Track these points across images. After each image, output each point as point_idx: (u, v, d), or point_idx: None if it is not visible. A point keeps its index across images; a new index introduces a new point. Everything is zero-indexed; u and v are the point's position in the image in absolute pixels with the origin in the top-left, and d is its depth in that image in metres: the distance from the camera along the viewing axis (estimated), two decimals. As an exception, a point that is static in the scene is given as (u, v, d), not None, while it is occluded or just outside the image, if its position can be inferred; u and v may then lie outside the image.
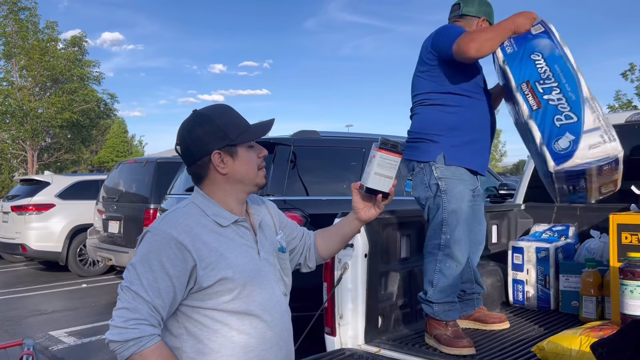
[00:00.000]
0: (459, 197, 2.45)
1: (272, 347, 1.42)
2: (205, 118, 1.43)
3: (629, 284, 2.12)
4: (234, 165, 1.42)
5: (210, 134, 1.40)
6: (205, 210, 1.41)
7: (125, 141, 36.46)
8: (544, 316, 2.97)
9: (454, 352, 2.34)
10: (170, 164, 6.89)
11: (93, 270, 8.71)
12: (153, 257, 1.32)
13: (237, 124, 1.44)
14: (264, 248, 1.48)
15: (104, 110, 22.99)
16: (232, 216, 1.43)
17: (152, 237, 1.35)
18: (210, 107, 1.47)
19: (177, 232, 1.33)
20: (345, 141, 4.99)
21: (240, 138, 1.42)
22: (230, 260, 1.37)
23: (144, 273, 1.31)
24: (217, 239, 1.38)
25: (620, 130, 3.38)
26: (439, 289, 2.47)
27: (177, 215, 1.38)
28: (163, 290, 1.30)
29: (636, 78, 19.96)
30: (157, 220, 1.39)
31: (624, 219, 2.40)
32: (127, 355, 1.25)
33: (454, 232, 2.46)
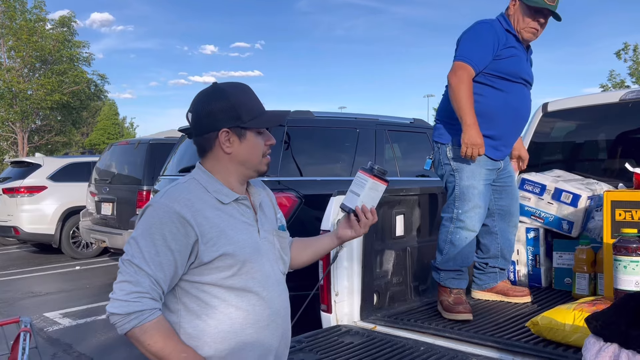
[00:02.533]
0: (470, 174, 2.61)
1: (270, 324, 1.43)
2: (222, 94, 1.41)
3: (622, 259, 2.14)
4: (240, 147, 1.42)
5: (223, 111, 1.39)
6: (207, 186, 1.41)
7: (117, 123, 36.20)
8: (538, 293, 3.01)
9: (451, 317, 2.51)
10: (163, 145, 6.85)
11: (86, 252, 8.70)
12: (155, 231, 1.31)
13: (252, 107, 1.43)
14: (263, 227, 1.49)
15: (94, 92, 22.77)
16: (233, 194, 1.43)
17: (154, 210, 1.34)
18: (231, 84, 1.46)
19: (179, 207, 1.33)
20: (340, 121, 4.97)
21: (252, 122, 1.41)
22: (231, 237, 1.37)
23: (146, 247, 1.30)
24: (218, 215, 1.38)
25: (614, 109, 3.41)
26: (447, 258, 2.65)
27: (179, 190, 1.38)
28: (165, 264, 1.30)
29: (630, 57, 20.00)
30: (159, 195, 1.38)
31: (618, 195, 2.42)
32: (128, 328, 1.25)
33: (465, 207, 2.61)
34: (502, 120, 2.61)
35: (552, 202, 3.06)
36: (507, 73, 2.57)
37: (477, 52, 2.53)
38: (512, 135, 2.71)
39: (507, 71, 2.57)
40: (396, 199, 2.85)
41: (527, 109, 2.73)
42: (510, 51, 2.58)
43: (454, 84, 2.52)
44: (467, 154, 2.50)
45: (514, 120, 2.67)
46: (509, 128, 2.66)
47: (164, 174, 5.53)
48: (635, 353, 1.31)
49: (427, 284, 2.92)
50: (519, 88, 2.63)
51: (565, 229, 3.03)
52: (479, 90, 2.58)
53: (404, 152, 5.38)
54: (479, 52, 2.53)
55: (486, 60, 2.55)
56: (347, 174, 4.72)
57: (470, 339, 2.24)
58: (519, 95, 2.64)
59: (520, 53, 2.63)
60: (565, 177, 3.19)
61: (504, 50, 2.56)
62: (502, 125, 2.62)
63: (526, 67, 2.67)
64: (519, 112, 2.66)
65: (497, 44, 2.55)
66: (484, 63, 2.55)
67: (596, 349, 1.39)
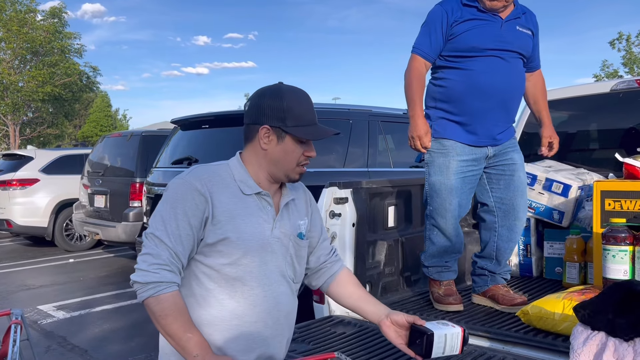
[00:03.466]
0: (437, 169, 2.51)
1: (258, 322, 1.42)
2: (278, 94, 1.45)
3: (611, 248, 2.16)
4: (276, 148, 1.44)
5: (271, 109, 1.43)
6: (235, 174, 1.45)
7: (109, 115, 35.97)
8: (529, 282, 3.04)
9: (442, 308, 2.53)
10: (156, 138, 6.83)
11: (80, 245, 8.68)
12: (178, 205, 1.36)
13: (301, 116, 1.45)
14: (281, 228, 1.48)
15: (86, 84, 22.62)
16: (256, 187, 1.45)
17: (178, 186, 1.39)
18: (293, 89, 1.49)
19: (200, 185, 1.38)
20: (332, 112, 4.96)
21: (293, 129, 1.43)
22: (238, 225, 1.40)
23: (168, 220, 1.35)
24: (234, 202, 1.42)
25: (605, 99, 3.43)
26: (429, 254, 2.64)
27: (205, 170, 1.43)
28: (184, 238, 1.36)
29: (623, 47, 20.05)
30: (186, 171, 1.44)
31: (608, 185, 2.44)
32: (145, 296, 1.30)
33: (434, 203, 2.55)
34: (470, 101, 2.43)
35: (543, 193, 3.08)
36: (465, 49, 2.40)
37: (426, 39, 2.46)
38: (489, 115, 2.45)
39: (465, 47, 2.40)
40: (388, 190, 2.86)
41: (503, 81, 2.42)
42: (467, 25, 2.39)
43: (405, 77, 2.51)
44: (412, 146, 2.49)
45: (486, 98, 2.41)
46: (481, 108, 2.43)
47: (156, 166, 5.52)
48: (621, 341, 1.33)
49: (419, 275, 2.93)
50: (487, 61, 2.40)
51: (556, 218, 3.05)
52: (443, 75, 2.50)
53: (397, 143, 5.38)
54: (427, 39, 2.46)
55: (437, 45, 2.45)
56: (340, 165, 4.73)
57: (461, 329, 2.25)
58: (488, 69, 2.40)
59: (485, 23, 2.40)
60: (556, 167, 3.20)
61: (458, 27, 2.40)
62: (471, 106, 2.43)
63: (497, 35, 2.40)
64: (489, 87, 2.40)
65: (445, 24, 2.41)
66: (436, 48, 2.46)
67: (584, 337, 1.41)
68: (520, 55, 2.49)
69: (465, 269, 3.10)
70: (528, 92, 2.67)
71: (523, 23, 2.50)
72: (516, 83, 2.50)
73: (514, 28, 2.45)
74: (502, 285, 2.63)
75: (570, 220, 3.02)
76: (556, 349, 1.97)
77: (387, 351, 2.05)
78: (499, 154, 2.55)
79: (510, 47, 2.43)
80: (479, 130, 2.48)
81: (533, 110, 2.72)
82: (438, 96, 2.53)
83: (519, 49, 2.47)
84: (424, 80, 2.53)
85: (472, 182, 2.56)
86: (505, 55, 2.43)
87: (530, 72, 2.64)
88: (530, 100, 2.69)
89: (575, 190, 2.98)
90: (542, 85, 2.70)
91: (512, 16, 2.45)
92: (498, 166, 2.58)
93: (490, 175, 2.60)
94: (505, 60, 2.43)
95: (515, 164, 2.57)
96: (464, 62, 2.43)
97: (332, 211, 2.53)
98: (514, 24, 2.46)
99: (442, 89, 2.51)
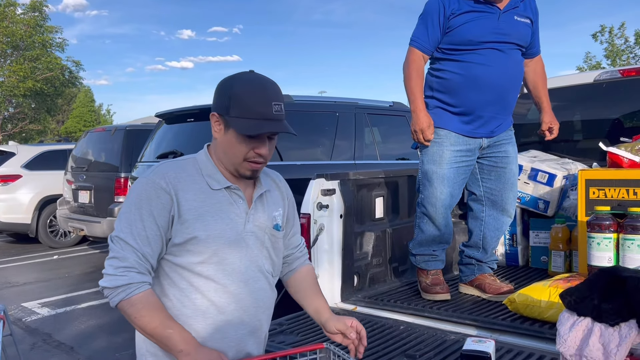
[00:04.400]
0: (430, 158, 2.52)
1: (234, 319, 1.39)
2: (230, 80, 1.36)
3: (595, 236, 2.18)
4: (224, 137, 1.36)
5: (220, 96, 1.36)
6: (202, 168, 1.39)
7: (93, 110, 35.53)
8: (515, 271, 3.06)
9: (430, 297, 2.54)
10: (140, 132, 6.75)
11: (65, 241, 8.57)
12: (143, 205, 1.31)
13: (249, 107, 1.31)
14: (255, 221, 1.42)
15: (69, 79, 22.30)
16: (225, 181, 1.39)
17: (142, 186, 1.34)
18: (252, 76, 1.37)
19: (165, 183, 1.33)
20: (319, 105, 4.95)
21: (235, 121, 1.32)
22: (207, 223, 1.34)
23: (134, 221, 1.30)
24: (202, 199, 1.36)
25: (588, 90, 3.46)
26: (418, 242, 2.65)
27: (170, 167, 1.37)
28: (152, 239, 1.31)
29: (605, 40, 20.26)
30: (151, 169, 1.38)
31: (592, 174, 2.46)
32: (117, 300, 1.27)
33: (426, 191, 2.56)
34: (467, 92, 2.43)
35: (528, 182, 3.10)
36: (462, 42, 2.40)
37: (423, 32, 2.46)
38: (486, 106, 2.45)
39: (462, 40, 2.40)
40: (375, 181, 2.86)
41: (500, 74, 2.42)
42: (464, 17, 2.38)
43: (403, 70, 2.52)
44: (415, 139, 2.50)
45: (483, 91, 2.42)
46: (477, 99, 2.43)
47: (141, 161, 5.46)
48: (607, 326, 1.35)
49: (407, 265, 2.95)
50: (485, 54, 2.40)
51: (541, 208, 3.08)
52: (440, 66, 2.51)
53: (384, 136, 5.39)
54: (425, 32, 2.46)
55: (435, 38, 2.45)
56: (327, 158, 4.73)
57: (449, 318, 2.27)
58: (485, 61, 2.40)
59: (482, 15, 2.39)
60: (541, 157, 3.23)
61: (456, 19, 2.39)
62: (468, 97, 2.44)
63: (494, 27, 2.39)
64: (486, 80, 2.40)
65: (442, 17, 2.41)
66: (434, 41, 2.46)
67: (570, 323, 1.43)
68: (518, 46, 2.48)
69: (453, 259, 3.12)
70: (528, 78, 2.68)
71: (521, 12, 2.48)
72: (514, 75, 2.49)
73: (511, 18, 2.44)
74: (489, 275, 2.66)
75: (556, 209, 3.05)
76: (543, 336, 1.99)
77: (376, 340, 2.06)
78: (493, 145, 2.56)
79: (507, 38, 2.43)
80: (476, 122, 2.48)
81: (533, 95, 2.73)
82: (435, 86, 2.54)
83: (516, 40, 2.46)
84: (423, 73, 2.54)
85: (465, 172, 2.56)
86: (503, 47, 2.43)
87: (530, 59, 2.64)
88: (530, 86, 2.71)
89: (560, 180, 3.01)
90: (542, 71, 2.70)
91: (510, 6, 2.44)
92: (491, 157, 2.58)
93: (483, 166, 2.61)
94: (503, 52, 2.43)
95: (508, 156, 2.59)
96: (462, 55, 2.43)
97: (320, 203, 2.52)
98: (512, 14, 2.44)
99: (440, 80, 2.51)
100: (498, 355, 1.83)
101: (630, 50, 19.96)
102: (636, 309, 1.29)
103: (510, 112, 2.60)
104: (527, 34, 2.50)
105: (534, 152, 3.30)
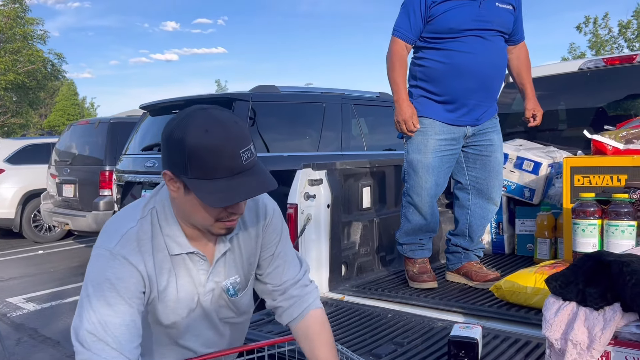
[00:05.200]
0: (415, 148, 2.52)
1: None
2: (182, 130, 1.06)
3: (580, 223, 2.21)
4: (185, 199, 1.13)
5: (172, 150, 1.08)
6: (162, 226, 1.20)
7: (76, 104, 35.07)
8: (501, 259, 3.09)
9: (417, 285, 2.56)
10: (124, 124, 6.68)
11: (49, 235, 8.48)
12: (108, 288, 1.12)
13: (211, 165, 1.05)
14: (215, 277, 1.28)
15: (51, 72, 21.96)
16: (187, 245, 1.21)
17: (109, 264, 1.14)
18: (205, 119, 1.06)
19: (136, 261, 1.16)
20: (306, 96, 4.93)
21: (196, 184, 1.07)
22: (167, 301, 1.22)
23: (101, 308, 1.11)
24: (168, 270, 1.21)
25: (573, 78, 3.48)
26: (404, 232, 2.66)
27: (134, 236, 1.17)
28: (125, 328, 1.11)
29: (590, 31, 20.43)
30: (109, 238, 1.18)
31: (577, 162, 2.48)
32: None
33: (411, 181, 2.56)
34: (450, 81, 2.43)
35: (514, 171, 3.12)
36: (444, 30, 2.40)
37: (405, 21, 2.45)
38: (469, 94, 2.44)
39: (444, 28, 2.39)
40: (362, 171, 2.86)
41: (483, 61, 2.41)
42: (445, 5, 2.38)
43: (386, 60, 2.51)
44: (398, 129, 2.50)
45: (466, 78, 2.41)
46: (461, 87, 2.43)
47: (126, 153, 5.40)
48: (592, 310, 1.36)
49: (394, 254, 2.96)
50: (467, 41, 2.39)
51: (527, 196, 3.11)
52: (423, 55, 2.50)
53: (371, 126, 5.39)
54: (407, 21, 2.45)
55: (417, 27, 2.44)
56: (314, 149, 4.71)
57: (436, 305, 2.28)
58: (468, 49, 2.39)
59: (463, 3, 2.37)
60: (526, 145, 3.25)
61: (437, 7, 2.38)
62: (451, 85, 2.43)
63: (476, 14, 2.38)
64: (469, 67, 2.40)
65: (423, 6, 2.40)
66: (416, 30, 2.45)
67: (555, 307, 1.44)
68: (500, 32, 2.48)
69: (440, 248, 3.13)
70: (511, 65, 2.68)
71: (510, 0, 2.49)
72: (497, 62, 2.49)
73: (493, 5, 2.43)
74: (475, 262, 2.67)
75: (541, 197, 3.08)
76: (529, 321, 2.01)
77: (364, 329, 2.06)
78: (477, 133, 2.56)
79: (489, 25, 2.42)
80: (460, 110, 2.48)
81: (516, 82, 2.73)
82: (419, 75, 2.54)
83: (499, 27, 2.45)
84: (406, 63, 2.52)
85: (449, 161, 2.57)
86: (485, 34, 2.42)
87: (513, 45, 2.64)
88: (514, 72, 2.71)
89: (546, 168, 3.03)
90: (526, 58, 2.70)
91: None
92: (476, 146, 2.59)
93: (468, 155, 2.62)
94: (486, 39, 2.42)
95: (493, 145, 2.59)
96: (444, 43, 2.42)
97: (307, 193, 2.52)
98: (494, 1, 2.43)
99: (423, 69, 2.51)
100: (485, 341, 1.85)
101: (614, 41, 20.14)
102: (620, 293, 1.31)
103: (495, 99, 2.60)
104: (510, 21, 2.50)
105: (519, 141, 3.32)
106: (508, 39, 2.55)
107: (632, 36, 19.44)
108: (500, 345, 1.83)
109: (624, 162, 2.35)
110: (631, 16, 19.25)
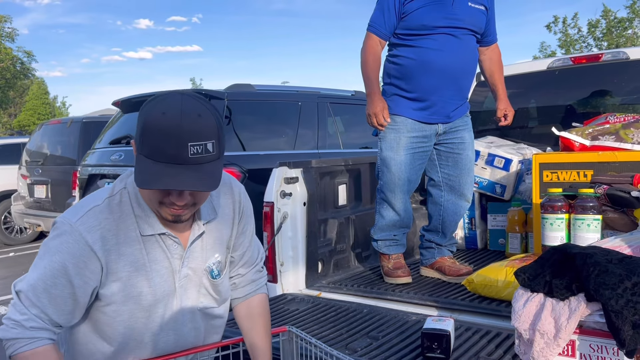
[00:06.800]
0: (388, 145, 2.56)
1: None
2: (149, 106, 1.12)
3: (549, 217, 2.28)
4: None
5: (138, 123, 1.13)
6: (134, 207, 1.22)
7: (47, 103, 34.22)
8: (474, 254, 3.16)
9: (392, 281, 2.60)
10: (97, 124, 6.58)
11: (21, 238, 8.30)
12: (57, 260, 1.17)
13: (157, 146, 1.08)
14: (191, 263, 1.29)
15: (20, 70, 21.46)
16: (159, 226, 1.22)
17: (64, 237, 1.17)
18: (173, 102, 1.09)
19: (93, 239, 1.17)
20: (281, 94, 4.94)
21: (140, 161, 1.11)
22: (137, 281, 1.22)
23: (44, 276, 1.17)
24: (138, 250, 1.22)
25: (542, 77, 3.57)
26: (379, 228, 2.69)
27: (97, 215, 1.19)
28: (59, 298, 1.17)
29: (559, 30, 20.86)
30: (73, 213, 1.20)
31: (545, 158, 2.55)
32: (8, 354, 1.18)
33: (385, 178, 2.60)
34: (422, 78, 2.46)
35: (485, 167, 3.19)
36: (416, 27, 2.43)
37: (380, 17, 2.49)
38: (439, 91, 2.48)
39: (416, 25, 2.43)
40: (338, 169, 2.89)
41: (454, 59, 2.44)
42: (419, 2, 2.41)
43: (360, 55, 2.56)
44: (369, 123, 2.54)
45: (437, 76, 2.44)
46: (430, 84, 2.46)
47: (94, 148, 5.29)
48: (558, 300, 1.41)
49: (370, 251, 2.99)
50: (439, 39, 2.42)
51: (498, 192, 3.18)
52: (397, 52, 2.54)
53: (346, 125, 5.42)
54: (381, 17, 2.49)
55: (391, 23, 2.48)
56: (290, 147, 4.72)
57: (410, 300, 2.33)
58: (439, 47, 2.42)
59: (437, 1, 2.41)
60: (497, 142, 3.32)
61: (410, 4, 2.42)
62: (421, 82, 2.47)
63: (448, 12, 2.41)
64: (440, 65, 2.43)
65: (397, 2, 2.44)
66: (390, 26, 2.49)
67: (524, 299, 1.48)
68: (472, 32, 2.52)
69: (414, 244, 3.18)
70: (484, 66, 2.74)
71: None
72: (467, 60, 2.54)
73: (465, 5, 2.47)
74: (449, 257, 2.73)
75: (512, 193, 3.15)
76: (500, 314, 2.06)
77: (340, 324, 2.09)
78: (449, 131, 2.60)
79: (461, 24, 2.46)
80: (431, 108, 2.52)
81: (489, 83, 2.79)
82: (392, 72, 2.58)
83: (470, 26, 2.50)
84: (380, 58, 2.56)
85: (421, 158, 2.61)
86: (457, 33, 2.46)
87: (486, 47, 2.69)
88: (487, 73, 2.76)
89: (516, 165, 3.11)
90: (498, 59, 2.75)
91: None
92: (448, 144, 2.63)
93: (440, 152, 2.66)
94: (457, 38, 2.46)
95: (464, 142, 2.64)
96: (416, 40, 2.46)
97: (283, 191, 2.53)
98: (466, 0, 2.47)
99: (396, 66, 2.55)
100: (457, 334, 1.89)
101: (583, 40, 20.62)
102: (584, 283, 1.36)
103: (465, 97, 2.65)
104: (482, 20, 2.55)
105: (490, 138, 3.39)
106: (480, 39, 2.61)
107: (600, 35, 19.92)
108: (472, 337, 1.88)
109: (590, 159, 2.43)
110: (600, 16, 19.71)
